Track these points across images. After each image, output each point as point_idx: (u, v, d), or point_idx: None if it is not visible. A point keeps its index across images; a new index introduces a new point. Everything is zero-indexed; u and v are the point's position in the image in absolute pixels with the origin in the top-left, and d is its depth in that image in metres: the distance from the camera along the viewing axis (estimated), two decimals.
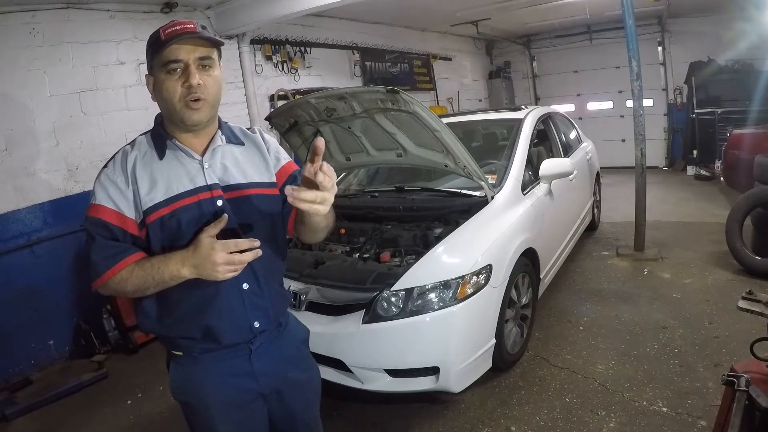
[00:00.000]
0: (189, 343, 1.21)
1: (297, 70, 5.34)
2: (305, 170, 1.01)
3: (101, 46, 3.72)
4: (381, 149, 2.90)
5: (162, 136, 1.17)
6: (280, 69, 5.20)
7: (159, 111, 1.20)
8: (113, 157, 1.18)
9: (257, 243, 1.07)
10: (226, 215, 1.10)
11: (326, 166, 1.00)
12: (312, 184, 0.99)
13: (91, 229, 1.12)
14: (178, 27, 1.09)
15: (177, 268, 1.07)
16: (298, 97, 4.35)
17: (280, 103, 4.68)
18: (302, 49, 5.39)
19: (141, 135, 1.21)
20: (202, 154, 1.18)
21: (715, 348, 2.65)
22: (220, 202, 1.15)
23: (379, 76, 6.47)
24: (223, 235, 1.09)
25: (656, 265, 3.93)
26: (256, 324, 1.22)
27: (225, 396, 1.22)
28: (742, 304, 1.35)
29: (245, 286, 1.19)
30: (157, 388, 2.95)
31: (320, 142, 0.99)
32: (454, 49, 8.32)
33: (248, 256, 1.07)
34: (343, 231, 2.83)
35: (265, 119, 3.03)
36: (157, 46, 1.09)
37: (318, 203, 0.99)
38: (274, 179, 1.26)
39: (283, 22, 4.82)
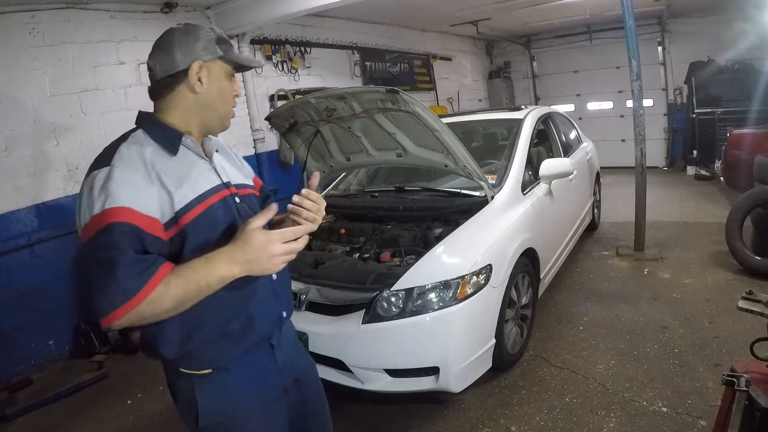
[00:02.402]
0: (223, 351, 1.10)
1: (297, 70, 5.34)
2: (300, 193, 1.13)
3: (101, 46, 3.72)
4: (381, 149, 2.90)
5: (172, 133, 1.08)
6: (280, 69, 5.20)
7: (144, 111, 1.14)
8: (114, 152, 1.01)
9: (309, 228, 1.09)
10: (275, 204, 1.08)
11: (316, 195, 1.14)
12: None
13: (117, 242, 0.91)
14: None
15: (227, 268, 0.97)
16: (298, 97, 4.36)
17: (280, 103, 4.67)
18: (302, 49, 5.39)
19: (132, 132, 1.08)
20: (209, 155, 1.18)
21: (715, 348, 2.65)
22: (237, 199, 1.15)
23: (379, 76, 6.47)
24: (232, 232, 1.06)
25: (656, 265, 3.93)
26: (284, 314, 1.22)
27: (261, 403, 1.17)
28: (742, 304, 1.35)
29: (274, 276, 1.17)
30: (157, 388, 2.95)
31: (315, 179, 1.17)
32: (454, 49, 8.32)
33: (302, 243, 1.05)
34: (343, 231, 2.82)
35: (265, 119, 3.03)
36: (231, 48, 1.13)
37: (311, 220, 1.12)
38: (252, 183, 1.30)
39: (283, 22, 4.82)
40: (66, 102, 3.53)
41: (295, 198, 1.12)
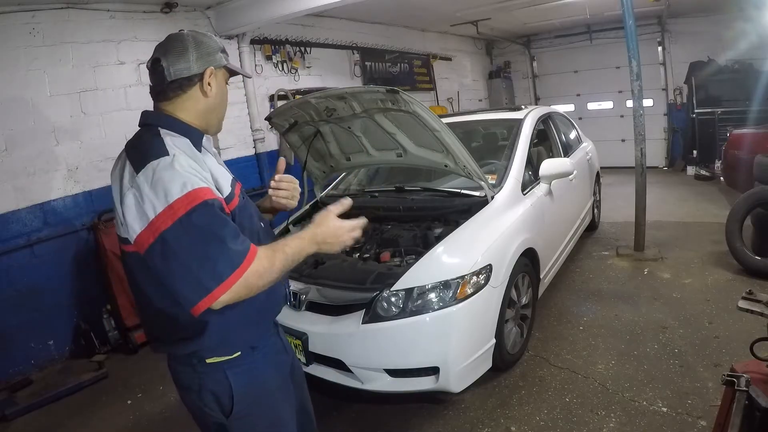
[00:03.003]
0: (251, 332, 1.19)
1: (297, 70, 5.34)
2: (273, 179, 1.40)
3: (101, 46, 3.72)
4: (381, 149, 2.90)
5: (196, 131, 1.17)
6: (280, 69, 5.20)
7: (147, 110, 1.18)
8: (161, 144, 1.05)
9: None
10: (349, 199, 1.29)
11: (288, 177, 1.42)
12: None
13: (219, 215, 1.00)
14: None
15: (312, 247, 1.15)
16: (298, 97, 4.36)
17: (280, 103, 4.67)
18: (302, 49, 5.39)
19: (150, 128, 1.13)
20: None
21: (715, 348, 2.65)
22: (246, 194, 1.28)
23: (379, 76, 6.48)
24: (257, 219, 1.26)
25: (656, 265, 3.93)
26: (286, 289, 1.36)
27: (280, 376, 1.28)
28: (742, 304, 1.35)
29: None
30: (157, 388, 2.95)
31: (282, 164, 1.44)
32: (454, 49, 8.32)
33: (359, 233, 1.24)
34: None
35: (265, 119, 3.03)
36: (229, 58, 1.23)
37: (291, 198, 1.42)
38: None
39: (283, 22, 4.82)
40: (66, 102, 3.53)
41: (272, 183, 1.40)
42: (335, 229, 1.18)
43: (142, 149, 1.05)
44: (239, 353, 1.17)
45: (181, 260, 0.97)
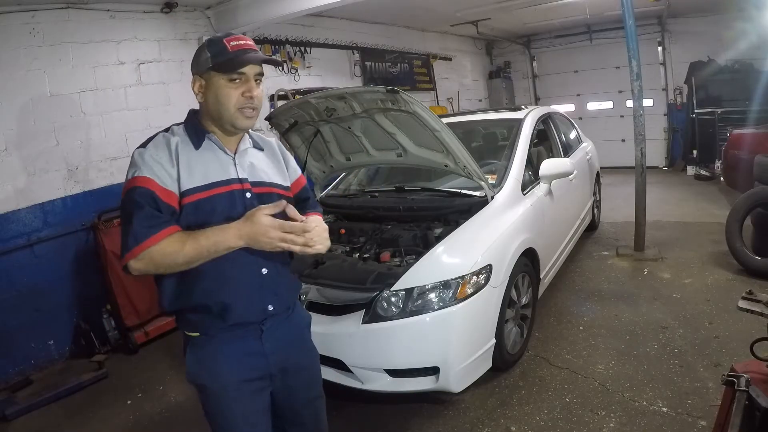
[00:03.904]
0: (205, 321, 1.27)
1: (297, 70, 5.34)
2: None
3: (101, 46, 3.72)
4: (381, 149, 2.90)
5: (200, 130, 1.29)
6: (280, 69, 5.19)
7: (193, 108, 1.34)
8: (152, 139, 1.26)
9: (308, 227, 1.21)
10: (285, 201, 1.23)
11: (317, 227, 1.26)
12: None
13: (138, 199, 1.16)
14: (242, 42, 1.25)
15: (234, 240, 1.17)
16: (298, 97, 4.36)
17: (280, 103, 4.67)
18: (302, 49, 5.39)
19: (175, 125, 1.31)
20: (234, 153, 1.32)
21: (715, 348, 2.65)
22: (248, 195, 1.28)
23: (379, 76, 6.47)
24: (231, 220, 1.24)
25: (656, 265, 3.93)
26: (270, 307, 1.32)
27: (239, 375, 1.29)
28: (742, 304, 1.35)
29: (264, 271, 1.30)
30: (157, 388, 2.95)
31: (292, 210, 1.26)
32: (454, 49, 8.32)
33: (300, 240, 1.19)
34: (343, 231, 2.82)
35: (265, 119, 3.03)
36: (223, 58, 1.22)
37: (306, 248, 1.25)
38: (289, 185, 1.43)
39: (283, 22, 4.82)
40: (66, 102, 3.53)
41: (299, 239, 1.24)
42: (262, 227, 1.16)
43: (148, 137, 1.28)
44: (198, 334, 1.29)
45: (121, 225, 1.22)
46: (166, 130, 1.30)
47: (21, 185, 3.32)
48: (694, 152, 7.38)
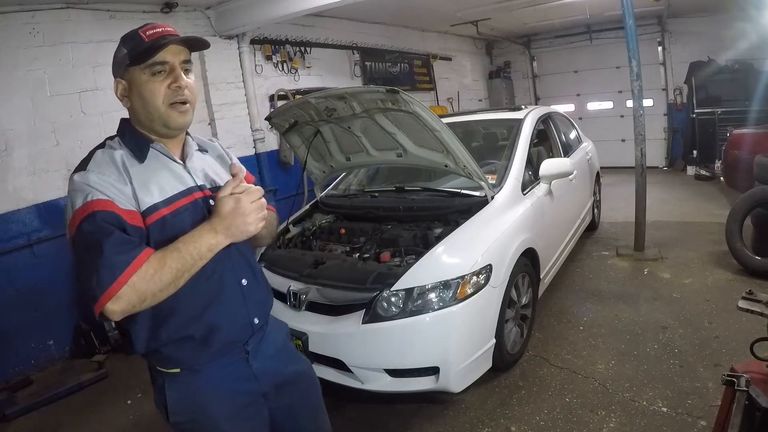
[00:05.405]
0: (187, 353, 1.14)
1: (297, 70, 5.34)
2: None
3: (101, 46, 3.72)
4: (381, 149, 2.90)
5: (142, 140, 1.14)
6: (280, 69, 5.20)
7: (124, 117, 1.18)
8: (90, 159, 1.10)
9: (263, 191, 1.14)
10: (239, 175, 1.14)
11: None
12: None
13: (102, 225, 0.99)
14: (159, 29, 1.10)
15: (212, 237, 1.06)
16: (298, 97, 4.36)
17: (280, 103, 4.68)
18: (302, 49, 5.39)
19: (109, 139, 1.16)
20: (181, 159, 1.20)
21: (715, 348, 2.65)
22: (212, 201, 1.15)
23: (379, 76, 6.47)
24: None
25: (656, 265, 3.93)
26: (256, 320, 1.24)
27: (232, 404, 1.20)
28: (742, 304, 1.35)
29: (244, 281, 1.22)
30: None
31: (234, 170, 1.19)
32: (454, 49, 8.32)
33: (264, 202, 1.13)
34: (343, 231, 2.82)
35: (265, 119, 3.03)
36: (140, 48, 1.07)
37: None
38: None
39: (283, 22, 4.82)
40: (66, 102, 3.53)
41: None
42: (231, 208, 1.07)
43: (81, 160, 1.12)
44: (178, 370, 1.16)
45: (78, 266, 1.01)
46: (101, 146, 1.14)
47: (21, 185, 3.32)
48: (694, 152, 7.38)
